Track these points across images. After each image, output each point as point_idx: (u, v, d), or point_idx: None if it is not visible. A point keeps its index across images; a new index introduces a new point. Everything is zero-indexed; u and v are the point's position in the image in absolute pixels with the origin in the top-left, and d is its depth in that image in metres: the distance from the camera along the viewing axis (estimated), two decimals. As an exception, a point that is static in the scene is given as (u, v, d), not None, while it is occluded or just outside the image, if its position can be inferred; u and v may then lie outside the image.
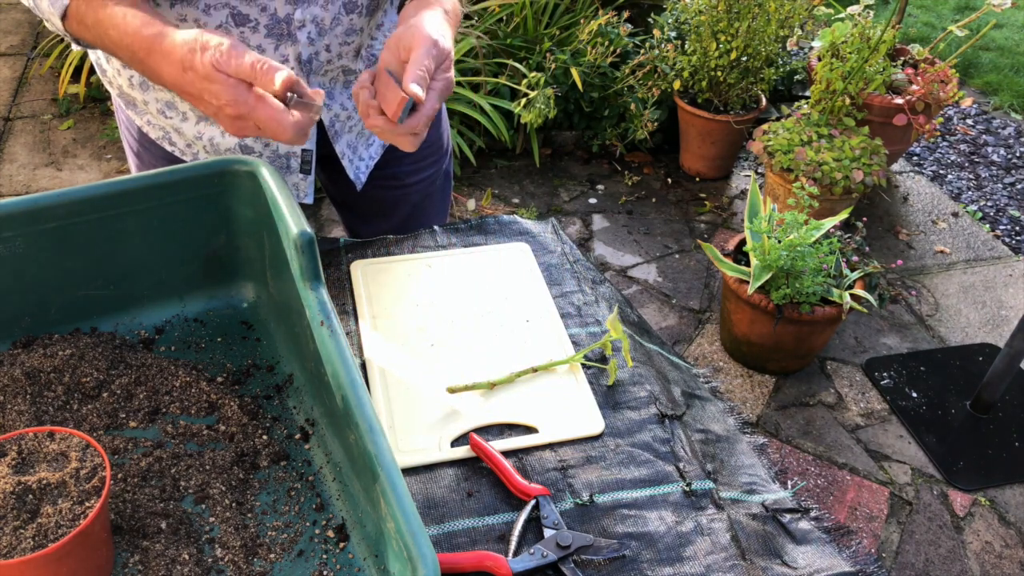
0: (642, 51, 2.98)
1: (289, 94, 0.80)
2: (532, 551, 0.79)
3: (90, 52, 1.13)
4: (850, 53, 2.67)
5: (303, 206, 1.13)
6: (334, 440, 0.82)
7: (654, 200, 3.04)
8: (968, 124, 3.62)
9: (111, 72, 1.11)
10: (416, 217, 1.34)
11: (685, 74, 2.87)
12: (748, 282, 2.12)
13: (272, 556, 0.75)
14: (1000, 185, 3.25)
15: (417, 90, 0.83)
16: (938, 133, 3.21)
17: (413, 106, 0.86)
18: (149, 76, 0.85)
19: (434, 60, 0.86)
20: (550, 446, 0.91)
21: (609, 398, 0.97)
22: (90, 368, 0.86)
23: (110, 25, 0.84)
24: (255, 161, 0.90)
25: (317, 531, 0.77)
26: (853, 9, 2.73)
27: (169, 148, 1.15)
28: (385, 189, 1.29)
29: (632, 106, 2.95)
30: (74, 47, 1.06)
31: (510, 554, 0.79)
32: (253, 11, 0.96)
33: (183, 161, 1.16)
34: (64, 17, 0.88)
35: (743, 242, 2.29)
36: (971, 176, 3.29)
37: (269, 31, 0.99)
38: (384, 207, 1.32)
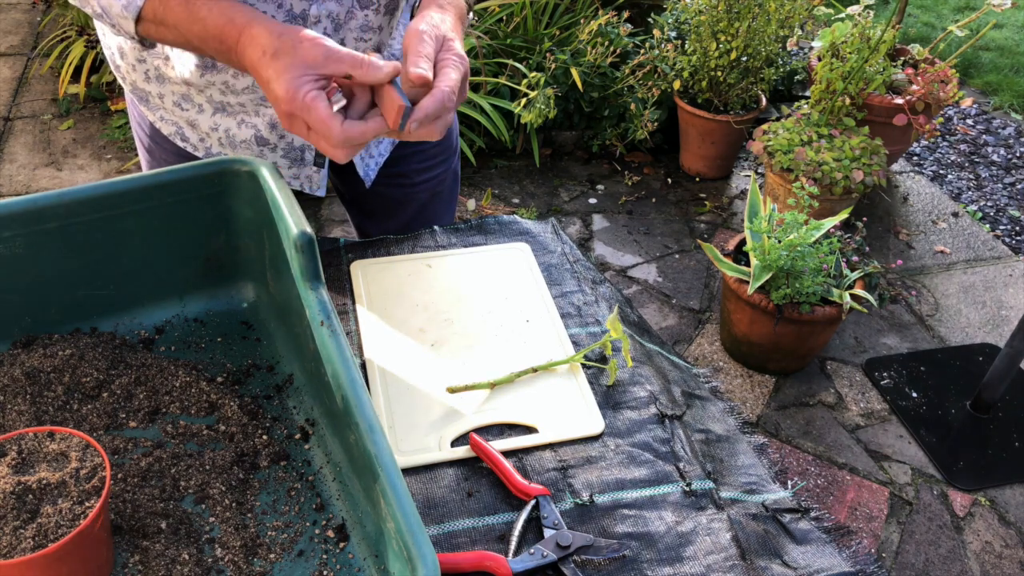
0: (642, 51, 2.98)
1: (339, 103, 0.80)
2: (532, 551, 0.79)
3: (104, 48, 1.13)
4: (850, 53, 2.67)
5: (306, 204, 1.13)
6: (334, 440, 0.82)
7: (654, 200, 3.03)
8: (968, 124, 3.62)
9: (125, 67, 1.11)
10: (424, 216, 1.34)
11: (685, 74, 2.87)
12: (748, 282, 2.12)
13: (272, 556, 0.75)
14: (1000, 185, 3.25)
15: (421, 71, 0.84)
16: (938, 133, 3.21)
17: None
18: (235, 62, 0.86)
19: (430, 45, 0.86)
20: (550, 446, 0.91)
21: (609, 398, 0.97)
22: (90, 368, 0.86)
23: (194, 20, 0.86)
24: (255, 161, 0.90)
25: (317, 531, 0.77)
26: (853, 9, 2.72)
27: (181, 144, 1.16)
28: (393, 187, 1.29)
29: (632, 106, 2.95)
30: (128, 52, 1.07)
31: (510, 554, 0.79)
32: (270, 7, 0.97)
33: (195, 157, 1.16)
34: (138, 20, 0.88)
35: (743, 242, 2.29)
36: (971, 176, 3.29)
37: None
38: (392, 205, 1.32)
